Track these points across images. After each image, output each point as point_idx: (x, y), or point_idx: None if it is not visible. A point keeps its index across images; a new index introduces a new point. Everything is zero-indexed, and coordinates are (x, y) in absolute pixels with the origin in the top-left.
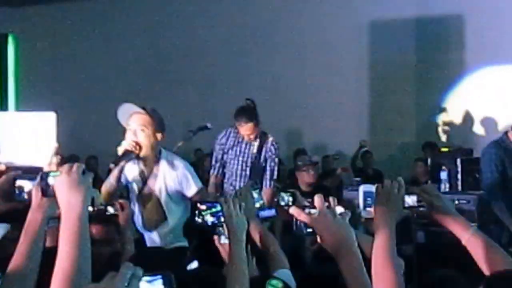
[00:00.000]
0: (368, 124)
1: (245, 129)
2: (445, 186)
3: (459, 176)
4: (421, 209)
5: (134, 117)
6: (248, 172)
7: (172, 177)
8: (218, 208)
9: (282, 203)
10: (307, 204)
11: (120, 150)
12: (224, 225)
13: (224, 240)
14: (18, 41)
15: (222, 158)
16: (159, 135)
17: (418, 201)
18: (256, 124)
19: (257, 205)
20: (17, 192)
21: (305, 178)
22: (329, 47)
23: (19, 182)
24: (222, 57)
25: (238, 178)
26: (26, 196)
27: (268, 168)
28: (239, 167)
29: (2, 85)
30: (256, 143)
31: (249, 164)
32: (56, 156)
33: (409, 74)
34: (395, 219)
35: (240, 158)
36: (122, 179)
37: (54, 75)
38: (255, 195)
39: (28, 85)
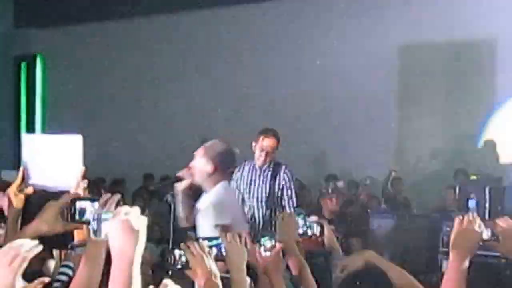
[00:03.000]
0: (396, 149)
1: (269, 143)
2: (473, 215)
3: (487, 204)
4: (493, 242)
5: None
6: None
7: (204, 208)
8: (219, 241)
9: (310, 233)
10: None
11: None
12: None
13: (264, 253)
14: (46, 62)
15: (239, 193)
16: (209, 167)
17: (492, 234)
18: (278, 146)
19: (301, 231)
20: (77, 213)
21: (329, 205)
22: (357, 71)
23: (80, 204)
24: (248, 82)
25: (257, 212)
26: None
27: (286, 197)
28: (257, 200)
29: (30, 105)
30: (269, 173)
31: (266, 195)
32: (83, 180)
33: (439, 100)
34: (471, 253)
35: (258, 192)
36: None
37: (81, 96)
38: (300, 221)
39: (55, 106)
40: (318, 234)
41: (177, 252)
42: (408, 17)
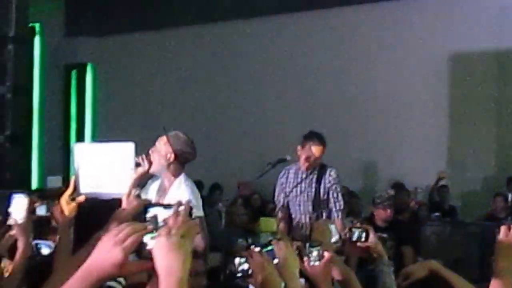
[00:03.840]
0: (447, 157)
1: (315, 150)
2: None
3: None
4: None
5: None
6: (311, 208)
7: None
8: (271, 247)
9: (354, 239)
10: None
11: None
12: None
13: (314, 262)
14: (96, 71)
15: (285, 197)
16: (171, 156)
17: None
18: (324, 151)
19: (333, 240)
20: (149, 220)
21: (382, 215)
22: (407, 80)
23: (152, 210)
24: (298, 89)
25: (303, 216)
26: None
27: (332, 199)
28: (303, 204)
29: (79, 113)
30: (315, 176)
31: (311, 198)
32: (135, 188)
33: (490, 107)
34: None
35: (303, 195)
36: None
37: (131, 105)
38: (333, 229)
39: (105, 115)
40: (363, 240)
41: (237, 260)
42: (460, 25)
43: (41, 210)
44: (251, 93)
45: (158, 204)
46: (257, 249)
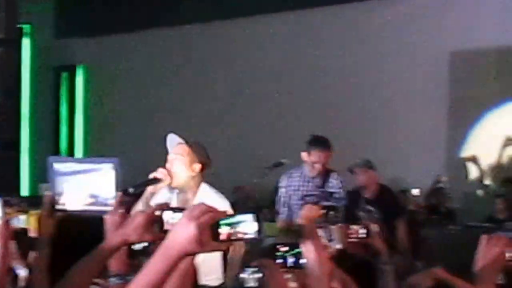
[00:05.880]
0: (445, 159)
1: (323, 155)
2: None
3: None
4: None
5: (175, 147)
6: None
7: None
8: (300, 249)
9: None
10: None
11: (151, 176)
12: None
13: None
14: (87, 72)
15: (287, 200)
16: (197, 167)
17: None
18: (331, 156)
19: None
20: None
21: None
22: (406, 79)
23: (167, 214)
24: (301, 91)
25: None
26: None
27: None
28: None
29: (70, 117)
30: (318, 180)
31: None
32: (121, 206)
33: (492, 106)
34: (496, 275)
35: (307, 199)
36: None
37: (123, 107)
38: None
39: (97, 117)
40: (365, 236)
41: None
42: (460, 23)
43: (18, 222)
44: (247, 94)
45: (174, 208)
46: (285, 248)
